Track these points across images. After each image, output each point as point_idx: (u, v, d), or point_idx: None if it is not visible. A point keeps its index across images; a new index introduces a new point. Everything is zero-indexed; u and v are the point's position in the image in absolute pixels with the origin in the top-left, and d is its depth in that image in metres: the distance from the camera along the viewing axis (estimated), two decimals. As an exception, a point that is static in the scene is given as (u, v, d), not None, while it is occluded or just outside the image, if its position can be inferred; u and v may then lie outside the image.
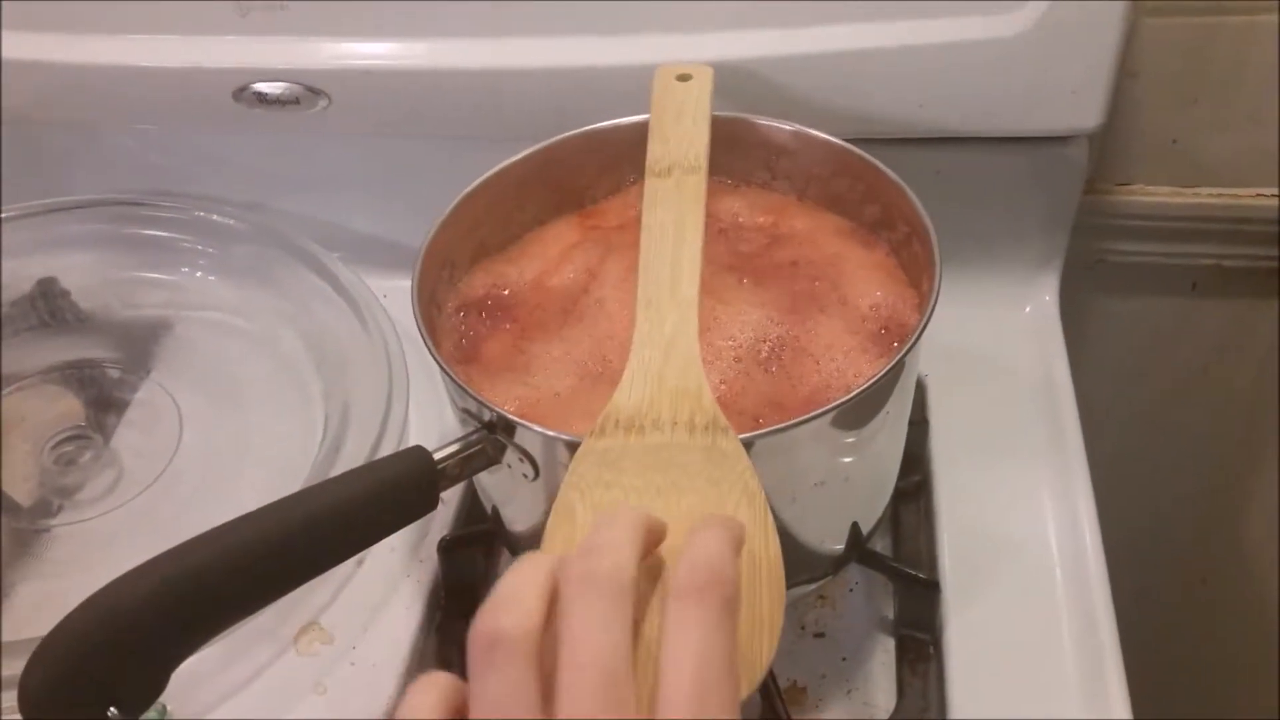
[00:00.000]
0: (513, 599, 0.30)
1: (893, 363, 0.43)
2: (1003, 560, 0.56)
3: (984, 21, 0.57)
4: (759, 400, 0.46)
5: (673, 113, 0.53)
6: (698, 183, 0.49)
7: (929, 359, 0.63)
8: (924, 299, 0.48)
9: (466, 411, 0.45)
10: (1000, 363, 0.65)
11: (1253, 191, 0.72)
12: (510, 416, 0.43)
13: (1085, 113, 0.60)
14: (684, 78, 0.54)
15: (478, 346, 0.51)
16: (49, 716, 0.36)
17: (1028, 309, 0.68)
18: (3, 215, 0.72)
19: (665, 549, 0.34)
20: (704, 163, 0.50)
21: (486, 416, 0.44)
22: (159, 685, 0.38)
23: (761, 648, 0.33)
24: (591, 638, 0.29)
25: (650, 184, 0.50)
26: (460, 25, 0.60)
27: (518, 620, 0.29)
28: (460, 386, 0.44)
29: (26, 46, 0.65)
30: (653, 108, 0.53)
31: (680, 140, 0.51)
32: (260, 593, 0.39)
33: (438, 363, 0.45)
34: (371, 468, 0.42)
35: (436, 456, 0.42)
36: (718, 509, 0.37)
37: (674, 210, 0.48)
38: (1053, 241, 0.67)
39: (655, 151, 0.51)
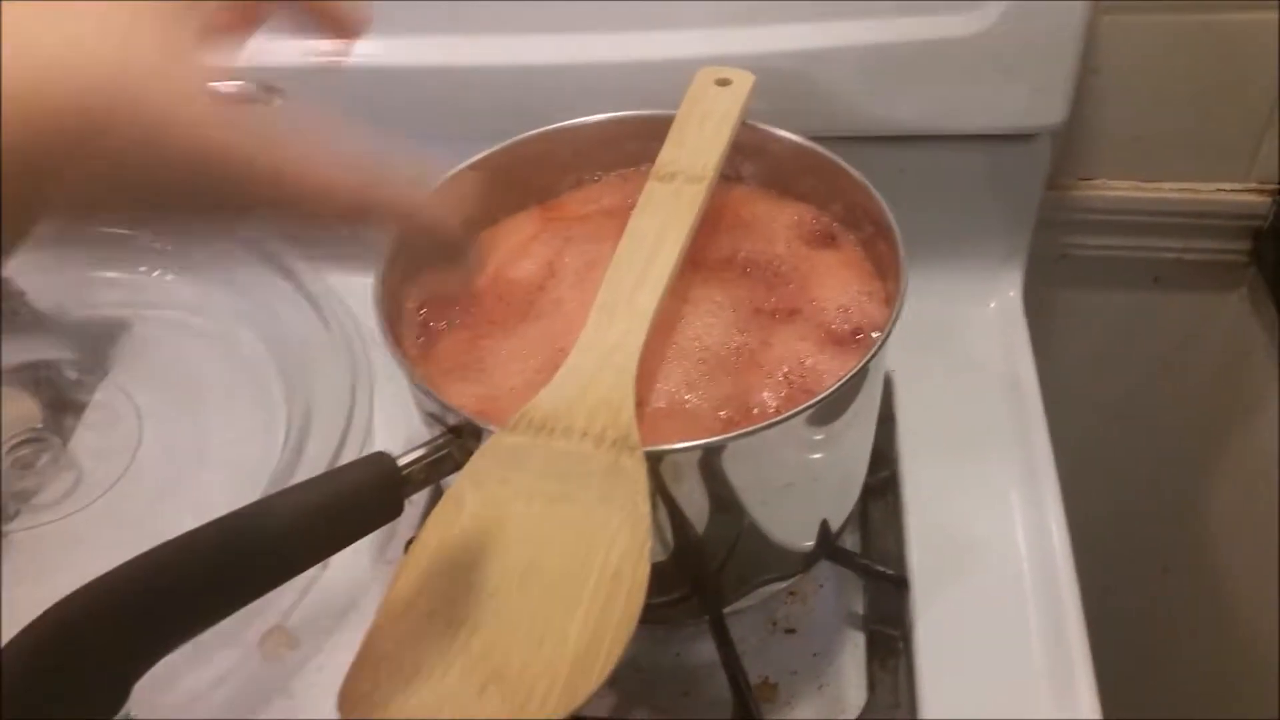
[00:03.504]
0: None
1: (860, 364, 0.43)
2: (970, 555, 0.56)
3: (946, 20, 0.57)
4: (723, 401, 0.46)
5: (698, 118, 0.52)
6: (696, 194, 0.48)
7: (896, 355, 0.63)
8: (890, 298, 0.48)
9: (432, 415, 0.45)
10: (966, 358, 0.66)
11: (1213, 186, 0.73)
12: (477, 421, 0.42)
13: (1047, 110, 0.60)
14: (723, 82, 0.53)
15: (435, 343, 0.50)
16: (9, 735, 0.35)
17: (992, 304, 0.69)
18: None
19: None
20: (711, 173, 0.49)
21: (452, 421, 0.43)
22: (121, 698, 0.37)
23: (599, 658, 0.34)
24: None
25: (649, 187, 0.49)
26: (417, 22, 0.60)
27: None
28: (427, 392, 0.43)
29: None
30: (680, 108, 0.53)
31: (695, 147, 0.50)
32: (221, 603, 0.38)
33: (403, 369, 0.44)
34: (333, 475, 0.41)
35: (401, 462, 0.42)
36: (603, 528, 0.37)
37: (661, 218, 0.47)
38: (1016, 237, 0.68)
39: (666, 154, 0.51)
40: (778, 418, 0.42)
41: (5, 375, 0.68)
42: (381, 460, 0.41)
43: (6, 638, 0.36)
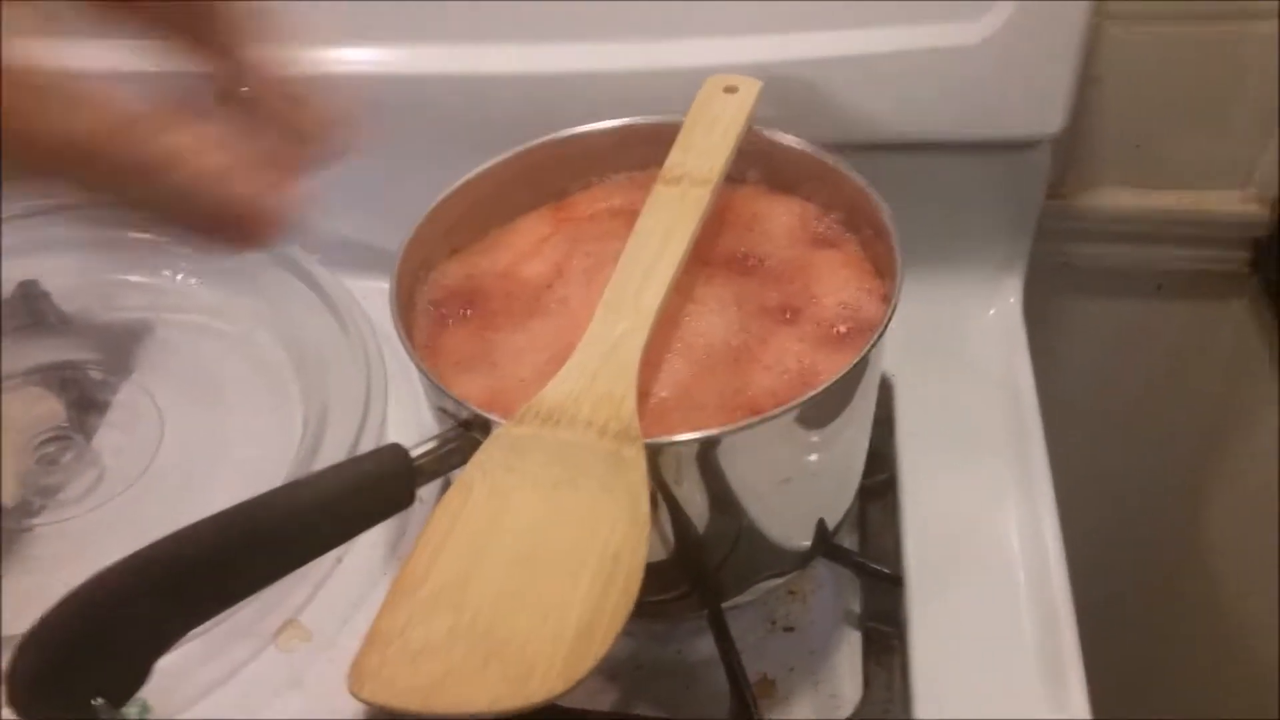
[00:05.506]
0: None
1: (856, 359, 0.44)
2: (966, 556, 0.57)
3: (947, 29, 0.58)
4: (725, 395, 0.47)
5: (705, 124, 0.53)
6: (701, 196, 0.49)
7: (895, 359, 0.64)
8: (889, 296, 0.49)
9: (443, 410, 0.46)
10: (965, 364, 0.67)
11: (1214, 195, 0.74)
12: (486, 415, 0.43)
13: (1047, 118, 0.61)
14: (731, 89, 0.55)
15: (446, 337, 0.51)
16: (36, 708, 0.36)
17: (992, 311, 0.69)
18: (-16, 219, 0.73)
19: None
20: (716, 177, 0.50)
21: (463, 415, 0.45)
22: (142, 676, 0.39)
23: (598, 636, 0.35)
24: None
25: (656, 189, 0.50)
26: (441, 31, 0.61)
27: None
28: (437, 387, 0.45)
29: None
30: (689, 114, 0.54)
31: (702, 152, 0.52)
32: (239, 586, 0.40)
33: (417, 365, 0.46)
34: (349, 464, 0.43)
35: (413, 454, 0.43)
36: (604, 514, 0.39)
37: (667, 219, 0.49)
38: (1017, 245, 0.69)
39: (674, 159, 0.52)
40: (775, 411, 0.43)
41: (31, 375, 0.69)
42: (395, 451, 0.43)
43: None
